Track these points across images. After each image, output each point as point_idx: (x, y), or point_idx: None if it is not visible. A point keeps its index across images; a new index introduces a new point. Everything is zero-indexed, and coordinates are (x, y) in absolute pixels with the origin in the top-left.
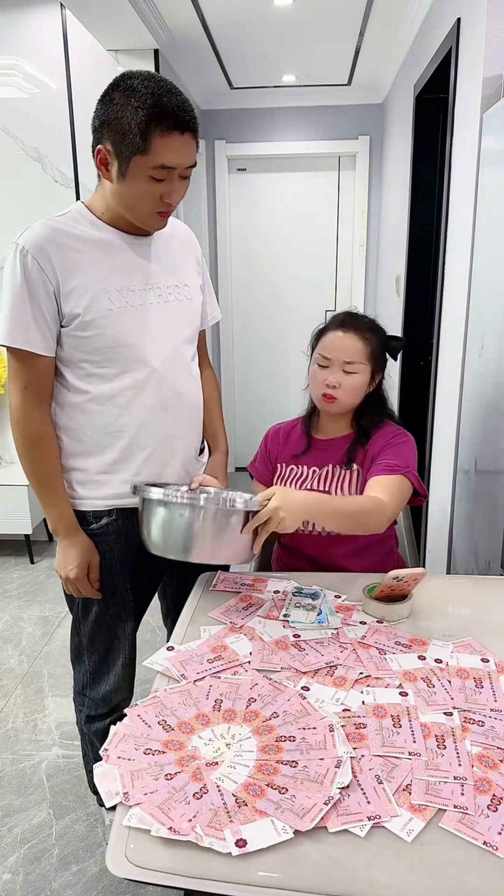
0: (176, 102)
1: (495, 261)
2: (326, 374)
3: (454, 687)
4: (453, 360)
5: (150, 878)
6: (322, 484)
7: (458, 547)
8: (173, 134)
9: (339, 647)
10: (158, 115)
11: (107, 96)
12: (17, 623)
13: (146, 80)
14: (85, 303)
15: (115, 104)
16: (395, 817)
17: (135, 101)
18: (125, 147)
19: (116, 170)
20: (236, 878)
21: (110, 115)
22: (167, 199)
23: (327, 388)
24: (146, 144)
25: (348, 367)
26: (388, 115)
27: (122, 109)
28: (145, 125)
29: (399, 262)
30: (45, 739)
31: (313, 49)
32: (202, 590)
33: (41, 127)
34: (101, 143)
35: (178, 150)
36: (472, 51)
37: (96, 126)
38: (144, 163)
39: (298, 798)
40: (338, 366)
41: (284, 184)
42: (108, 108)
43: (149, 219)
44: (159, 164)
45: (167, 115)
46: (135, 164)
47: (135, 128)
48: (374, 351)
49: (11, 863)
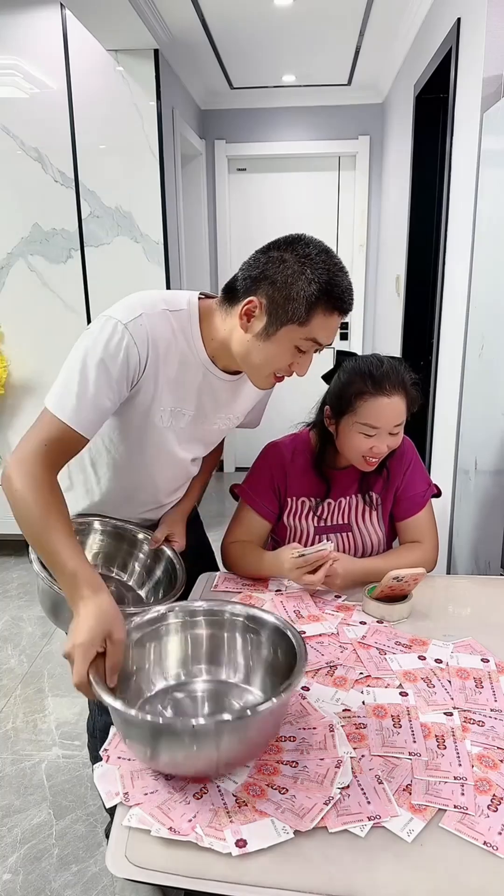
0: (345, 284)
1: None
2: (373, 443)
3: (454, 687)
4: (453, 361)
5: (150, 878)
6: (342, 517)
7: (458, 547)
8: (333, 315)
9: (340, 647)
10: (329, 294)
11: (276, 253)
12: (17, 623)
13: (321, 254)
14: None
15: (285, 266)
16: (396, 817)
17: (310, 273)
18: (284, 312)
19: (262, 327)
20: (236, 878)
21: (277, 276)
22: (294, 369)
23: (374, 455)
24: (308, 318)
25: (395, 429)
26: (388, 115)
27: (293, 276)
28: (314, 300)
29: (399, 262)
30: (45, 739)
31: (313, 49)
32: (202, 590)
33: (41, 127)
34: (254, 294)
35: (330, 329)
36: (472, 51)
37: (254, 276)
38: (297, 333)
39: (298, 798)
40: (385, 432)
41: (284, 184)
42: (275, 267)
43: (264, 379)
44: (312, 338)
45: (337, 297)
46: (286, 331)
47: (302, 299)
48: (413, 398)
49: (11, 863)
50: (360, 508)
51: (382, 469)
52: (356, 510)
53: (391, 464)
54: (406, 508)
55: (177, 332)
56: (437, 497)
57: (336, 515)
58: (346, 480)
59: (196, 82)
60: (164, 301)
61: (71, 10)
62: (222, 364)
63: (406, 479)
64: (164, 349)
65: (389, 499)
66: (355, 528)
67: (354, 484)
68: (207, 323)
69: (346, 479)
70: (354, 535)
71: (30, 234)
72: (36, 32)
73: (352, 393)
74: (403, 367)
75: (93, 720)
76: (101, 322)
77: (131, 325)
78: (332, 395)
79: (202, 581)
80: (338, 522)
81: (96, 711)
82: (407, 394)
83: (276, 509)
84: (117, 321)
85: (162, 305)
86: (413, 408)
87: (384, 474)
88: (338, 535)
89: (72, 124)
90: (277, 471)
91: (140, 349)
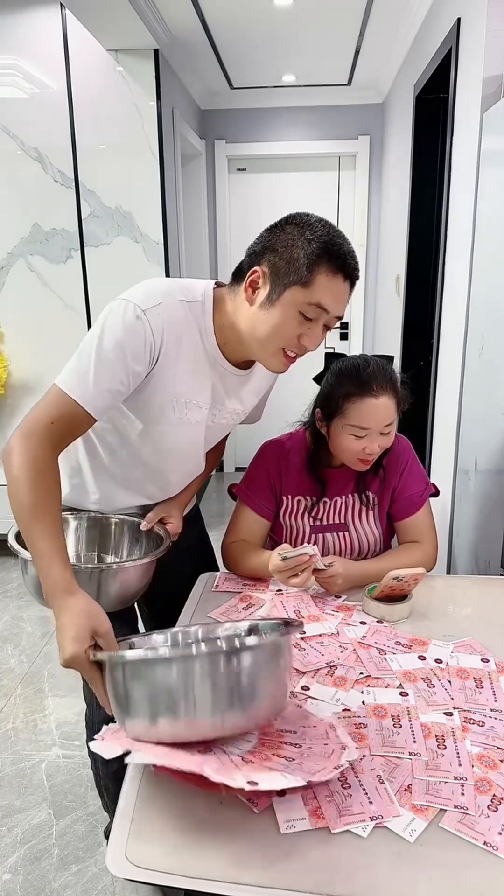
0: (347, 248)
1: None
2: (364, 444)
3: (454, 687)
4: (453, 361)
5: (150, 878)
6: (337, 516)
7: (458, 547)
8: (338, 277)
9: (340, 647)
10: (330, 252)
11: (277, 227)
12: (17, 623)
13: (321, 221)
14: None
15: (286, 233)
16: (398, 817)
17: (309, 234)
18: (286, 274)
19: (265, 295)
20: (236, 878)
21: (277, 242)
22: (304, 342)
23: (367, 456)
24: (310, 277)
25: (386, 429)
26: (388, 115)
27: (293, 239)
28: (315, 258)
29: (399, 262)
30: (45, 739)
31: (313, 49)
32: (202, 590)
33: (41, 127)
34: (258, 265)
35: (337, 294)
36: (472, 51)
37: (257, 250)
38: (301, 296)
39: (307, 764)
40: (376, 432)
41: (284, 184)
42: (276, 236)
43: (274, 357)
44: (316, 302)
45: (338, 256)
46: (290, 294)
47: (303, 258)
48: (402, 396)
49: (11, 863)
50: (357, 508)
51: (378, 469)
52: (352, 510)
53: (388, 463)
54: (404, 508)
55: (191, 324)
56: (434, 496)
57: (332, 515)
58: (342, 480)
59: (196, 82)
60: (182, 291)
61: (71, 10)
62: (231, 353)
63: (403, 479)
64: (179, 340)
65: (386, 498)
66: (352, 527)
67: (350, 483)
68: (219, 311)
69: (342, 479)
70: (351, 535)
71: (30, 234)
72: (36, 32)
73: (339, 395)
74: (391, 367)
75: (91, 714)
76: (122, 306)
77: (150, 313)
78: (322, 398)
79: (202, 581)
80: (334, 522)
81: (94, 705)
82: (396, 393)
83: (273, 507)
84: (136, 306)
85: (180, 296)
86: (403, 406)
87: (381, 474)
88: (334, 534)
89: (72, 124)
90: (273, 469)
91: (156, 337)
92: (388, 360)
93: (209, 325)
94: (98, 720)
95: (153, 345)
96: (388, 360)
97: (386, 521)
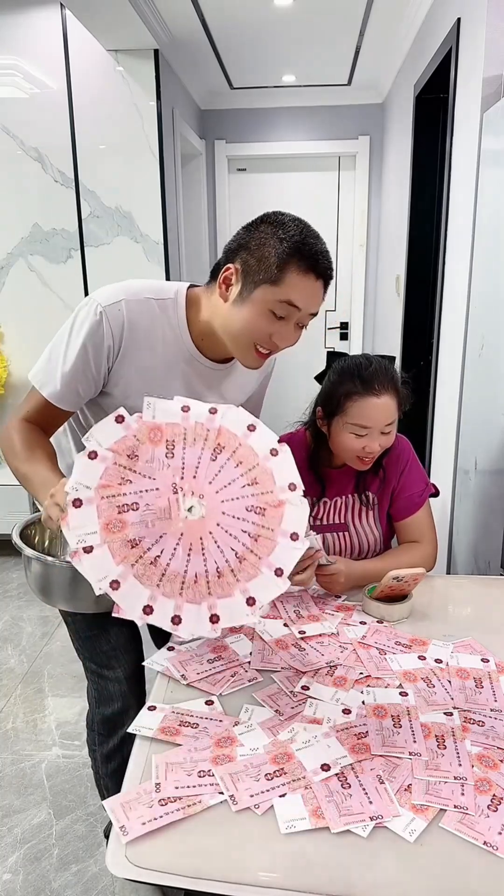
0: (319, 248)
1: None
2: (365, 443)
3: (454, 687)
4: (453, 360)
5: (150, 878)
6: (337, 516)
7: (458, 547)
8: (308, 276)
9: (340, 647)
10: (300, 252)
11: (252, 225)
12: (17, 623)
13: (296, 221)
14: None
15: (259, 232)
16: (397, 817)
17: (281, 233)
18: (257, 272)
19: (238, 292)
20: (236, 878)
21: (251, 241)
22: (276, 340)
23: (367, 455)
24: (280, 276)
25: (387, 429)
26: (388, 115)
27: (265, 238)
28: (286, 257)
29: (399, 262)
30: (45, 739)
31: (313, 49)
32: None
33: (41, 127)
34: (231, 262)
35: (308, 292)
36: (472, 51)
37: (232, 248)
38: (271, 294)
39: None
40: (376, 431)
41: (284, 184)
42: (250, 234)
43: (246, 352)
44: (286, 300)
45: (308, 256)
46: (261, 292)
47: (273, 256)
48: (404, 396)
49: (11, 863)
50: (357, 508)
51: (379, 469)
52: (352, 510)
53: (387, 463)
54: (404, 508)
55: (160, 321)
56: (434, 497)
57: (332, 515)
58: (342, 480)
59: (196, 82)
60: (151, 290)
61: (71, 10)
62: (209, 350)
63: (403, 480)
64: (143, 336)
65: (386, 498)
66: (351, 527)
67: (350, 483)
68: (194, 309)
69: (342, 479)
70: (351, 535)
71: (30, 234)
72: (36, 32)
73: (341, 394)
74: (393, 367)
75: (91, 714)
76: (87, 303)
77: (108, 309)
78: (323, 396)
79: None
80: (334, 522)
81: (94, 704)
82: (397, 393)
83: None
84: (98, 304)
85: (147, 294)
86: (405, 406)
87: (381, 474)
88: (334, 534)
89: (72, 124)
90: None
91: (115, 333)
92: (389, 360)
93: (182, 319)
94: (99, 720)
95: (112, 339)
96: (391, 361)
97: (386, 521)
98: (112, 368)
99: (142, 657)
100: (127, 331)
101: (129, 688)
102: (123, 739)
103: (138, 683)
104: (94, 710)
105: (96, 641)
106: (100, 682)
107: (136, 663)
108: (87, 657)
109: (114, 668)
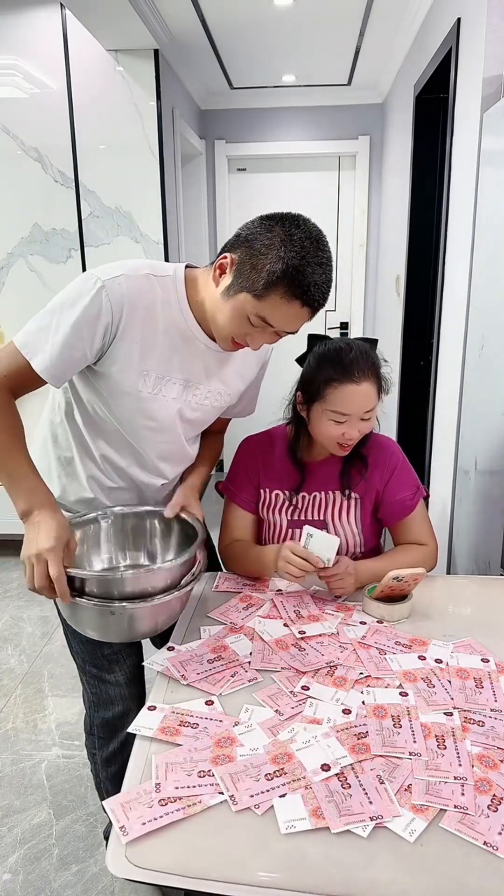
0: (316, 278)
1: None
2: (344, 429)
3: (454, 687)
4: (453, 360)
5: (150, 878)
6: (318, 512)
7: (458, 547)
8: (293, 303)
9: (340, 647)
10: (293, 280)
11: (269, 220)
12: (17, 623)
13: (307, 240)
14: (117, 371)
15: (269, 235)
16: (398, 817)
17: (283, 251)
18: (247, 278)
19: (226, 284)
20: (236, 878)
21: (257, 242)
22: (249, 341)
23: (346, 441)
24: (264, 294)
25: (366, 415)
26: (388, 115)
27: (270, 246)
28: (275, 279)
29: (399, 262)
30: (45, 739)
31: (313, 49)
32: (202, 590)
33: (41, 127)
34: (232, 251)
35: (287, 316)
36: (472, 51)
37: (241, 237)
38: (250, 305)
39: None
40: (356, 418)
41: (284, 184)
42: (260, 233)
43: (223, 340)
44: (262, 316)
45: (299, 286)
46: (242, 298)
47: (265, 273)
48: (383, 382)
49: (11, 863)
50: (338, 505)
51: (363, 468)
52: (333, 506)
53: (373, 464)
54: (396, 512)
55: (160, 297)
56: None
57: (311, 510)
58: (324, 475)
59: (196, 82)
60: (151, 267)
61: (71, 10)
62: (207, 330)
63: (392, 483)
64: (143, 312)
65: (370, 499)
66: (330, 524)
67: (334, 479)
68: (193, 288)
69: (324, 474)
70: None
71: (30, 234)
72: (36, 32)
73: (321, 380)
74: (374, 351)
75: (90, 717)
76: (85, 276)
77: (109, 283)
78: (303, 381)
79: (202, 581)
80: (312, 517)
81: (92, 708)
82: (378, 379)
83: (254, 500)
84: (97, 278)
85: (147, 270)
86: (385, 391)
87: (364, 473)
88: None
89: (72, 124)
90: (252, 462)
91: (114, 308)
92: (371, 344)
93: (182, 296)
94: (97, 724)
95: (111, 314)
96: (372, 344)
97: (370, 522)
98: (111, 345)
99: (142, 659)
100: (127, 307)
101: (129, 691)
102: (124, 742)
103: (139, 685)
104: (93, 714)
105: (97, 646)
106: (99, 686)
107: (136, 666)
108: (87, 661)
109: (114, 671)
